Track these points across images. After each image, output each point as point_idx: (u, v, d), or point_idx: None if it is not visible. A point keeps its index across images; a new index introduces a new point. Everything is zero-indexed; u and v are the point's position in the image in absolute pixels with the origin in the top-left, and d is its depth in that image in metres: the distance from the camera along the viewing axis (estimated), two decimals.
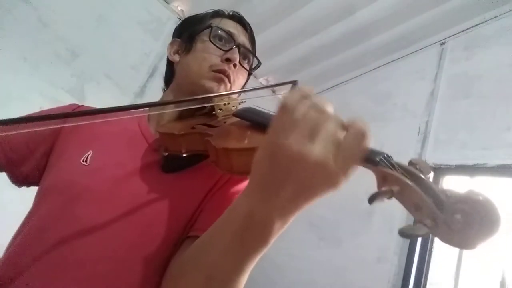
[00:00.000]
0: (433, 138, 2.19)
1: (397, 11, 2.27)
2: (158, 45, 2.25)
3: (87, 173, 0.64)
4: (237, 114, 0.59)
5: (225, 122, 0.62)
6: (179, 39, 0.82)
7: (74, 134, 0.71)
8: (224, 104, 0.69)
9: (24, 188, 0.74)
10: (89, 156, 0.66)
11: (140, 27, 2.22)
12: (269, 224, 0.39)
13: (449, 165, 2.06)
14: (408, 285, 1.88)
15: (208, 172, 0.66)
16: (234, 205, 0.44)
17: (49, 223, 0.59)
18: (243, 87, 0.84)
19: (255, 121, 0.53)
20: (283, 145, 0.36)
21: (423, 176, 0.35)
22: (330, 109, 0.37)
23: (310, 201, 0.38)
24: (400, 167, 0.36)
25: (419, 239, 1.91)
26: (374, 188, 0.38)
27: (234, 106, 0.70)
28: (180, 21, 0.90)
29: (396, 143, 2.31)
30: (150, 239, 0.59)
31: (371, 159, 0.37)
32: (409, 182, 0.34)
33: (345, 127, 0.37)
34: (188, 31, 0.80)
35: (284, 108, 0.37)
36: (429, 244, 1.91)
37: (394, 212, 2.00)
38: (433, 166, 2.11)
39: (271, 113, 0.56)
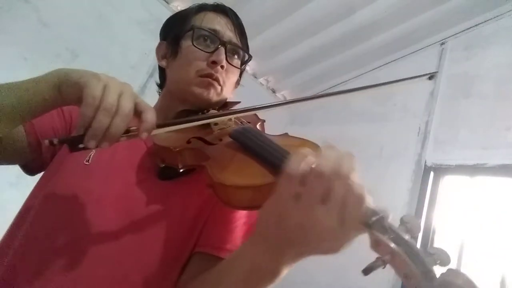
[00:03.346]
0: (433, 138, 2.19)
1: (397, 11, 2.27)
2: None
3: (87, 174, 0.63)
4: (235, 137, 0.58)
5: (220, 140, 0.61)
6: (165, 42, 0.79)
7: None
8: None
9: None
10: (91, 155, 0.65)
11: (140, 27, 2.22)
12: (277, 271, 0.42)
13: (449, 165, 2.06)
14: None
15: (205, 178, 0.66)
16: (244, 251, 0.47)
17: (47, 223, 0.59)
18: (236, 84, 0.82)
19: (254, 151, 0.52)
20: (292, 211, 0.37)
21: (414, 246, 0.36)
22: (337, 166, 0.36)
23: (315, 254, 0.40)
24: (392, 230, 0.37)
25: (420, 238, 1.91)
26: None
27: (229, 118, 0.67)
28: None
29: (396, 143, 2.31)
30: (148, 244, 0.59)
31: (365, 221, 0.38)
32: (399, 251, 0.35)
33: (344, 193, 0.37)
34: (172, 33, 0.77)
35: (292, 176, 0.37)
36: (428, 245, 1.91)
37: (394, 211, 2.00)
38: (433, 166, 2.12)
39: (270, 138, 0.56)
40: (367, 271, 0.36)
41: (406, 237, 0.37)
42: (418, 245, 0.37)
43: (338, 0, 2.23)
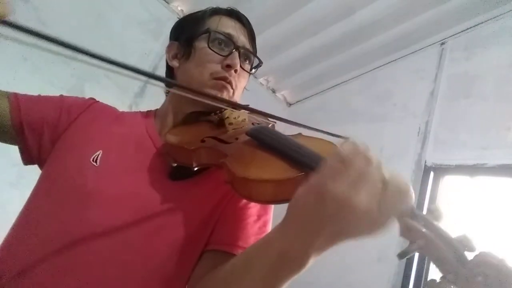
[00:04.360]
0: (433, 138, 2.19)
1: (397, 11, 2.27)
2: (158, 45, 2.24)
3: (97, 174, 0.63)
4: (252, 135, 0.58)
5: (236, 139, 0.61)
6: (176, 42, 0.80)
7: (83, 130, 0.70)
8: (235, 118, 0.68)
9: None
10: (99, 156, 0.65)
11: (140, 27, 2.21)
12: (306, 259, 0.41)
13: (449, 165, 2.06)
14: (408, 285, 1.88)
15: (217, 178, 0.65)
16: (270, 239, 0.46)
17: (56, 223, 0.58)
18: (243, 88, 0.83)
19: (274, 148, 0.52)
20: (333, 191, 0.37)
21: (445, 231, 0.37)
22: (377, 162, 0.39)
23: (347, 240, 0.40)
24: (422, 217, 0.38)
25: None
26: None
27: (243, 119, 0.68)
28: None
29: (396, 143, 2.31)
30: (157, 245, 0.59)
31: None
32: (432, 236, 0.36)
33: (386, 180, 0.39)
34: (186, 34, 0.77)
35: (340, 158, 0.38)
36: None
37: None
38: (433, 166, 2.11)
39: (285, 136, 0.56)
40: (402, 255, 0.37)
41: (436, 223, 0.37)
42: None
43: (338, 0, 2.23)
